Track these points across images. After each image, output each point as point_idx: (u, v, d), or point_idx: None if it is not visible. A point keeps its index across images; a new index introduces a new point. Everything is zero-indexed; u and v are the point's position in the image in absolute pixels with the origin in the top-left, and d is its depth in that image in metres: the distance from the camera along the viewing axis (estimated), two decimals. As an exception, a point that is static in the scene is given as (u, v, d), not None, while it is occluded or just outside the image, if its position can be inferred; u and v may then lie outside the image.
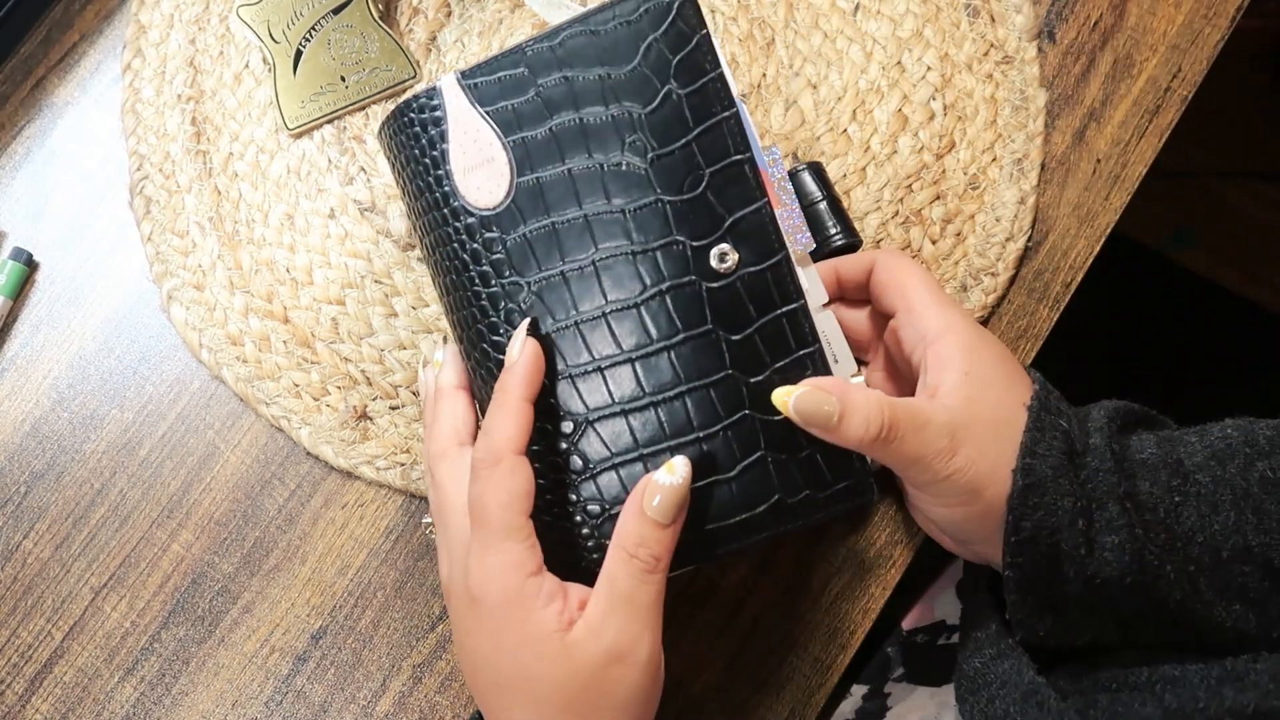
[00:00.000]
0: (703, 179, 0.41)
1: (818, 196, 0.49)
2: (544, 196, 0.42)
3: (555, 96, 0.42)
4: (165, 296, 0.53)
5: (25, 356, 0.53)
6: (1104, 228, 0.52)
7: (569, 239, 0.41)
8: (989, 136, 0.52)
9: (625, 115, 0.41)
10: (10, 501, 0.51)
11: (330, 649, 0.50)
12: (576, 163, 0.41)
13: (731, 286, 0.41)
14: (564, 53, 0.42)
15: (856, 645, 0.48)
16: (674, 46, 0.41)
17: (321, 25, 0.54)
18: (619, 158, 0.41)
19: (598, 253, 0.41)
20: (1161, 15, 0.53)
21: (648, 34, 0.41)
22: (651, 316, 0.41)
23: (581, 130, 0.41)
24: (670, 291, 0.41)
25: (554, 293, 0.41)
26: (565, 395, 0.41)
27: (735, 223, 0.41)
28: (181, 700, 0.49)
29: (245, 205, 0.53)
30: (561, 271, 0.41)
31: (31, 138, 0.55)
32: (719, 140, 0.41)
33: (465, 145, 0.42)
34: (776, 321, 0.41)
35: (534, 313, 0.41)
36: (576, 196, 0.41)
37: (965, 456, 0.39)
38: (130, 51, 0.55)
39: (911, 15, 0.53)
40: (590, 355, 0.41)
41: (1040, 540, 0.39)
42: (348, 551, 0.50)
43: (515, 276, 0.42)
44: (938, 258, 0.51)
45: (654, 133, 0.41)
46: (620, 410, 0.41)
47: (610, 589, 0.37)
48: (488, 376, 0.42)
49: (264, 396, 0.51)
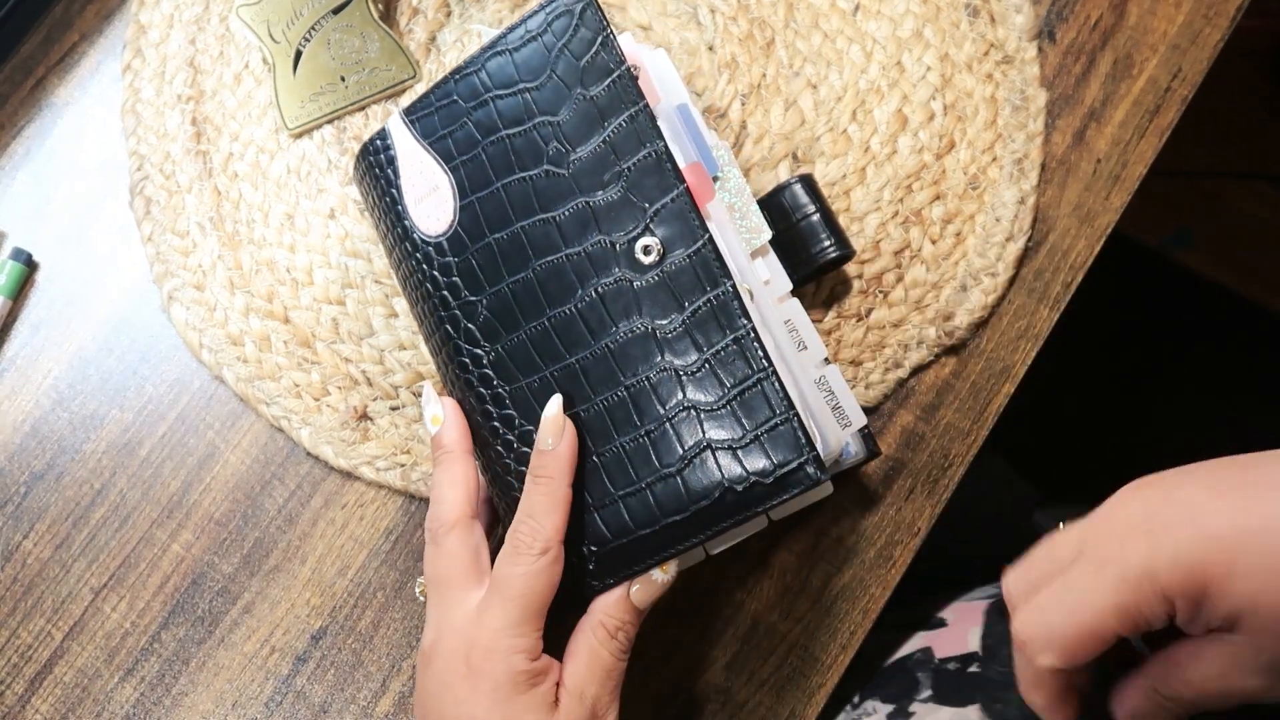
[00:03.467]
0: (620, 175, 0.42)
1: (810, 209, 0.48)
2: (484, 217, 0.44)
3: (483, 119, 0.44)
4: (166, 297, 0.53)
5: (25, 356, 0.53)
6: (1104, 228, 0.52)
7: (510, 255, 0.43)
8: (989, 136, 0.52)
9: (544, 125, 0.43)
10: (10, 502, 0.51)
11: (330, 649, 0.50)
12: (507, 179, 0.43)
13: (659, 278, 0.41)
14: (485, 76, 0.44)
15: (856, 645, 0.48)
16: (579, 52, 0.43)
17: (321, 25, 0.54)
18: (543, 167, 0.43)
19: (534, 263, 0.43)
20: (1161, 15, 0.53)
21: (554, 44, 0.43)
22: (589, 320, 0.42)
23: (509, 149, 0.43)
24: (602, 291, 0.42)
25: (504, 308, 0.43)
26: (524, 408, 0.42)
27: (656, 212, 0.41)
28: (181, 700, 0.49)
29: (245, 205, 0.53)
30: (508, 287, 0.43)
31: (31, 138, 0.55)
32: (630, 135, 0.42)
33: (413, 178, 0.45)
34: (705, 307, 0.41)
35: (487, 330, 0.43)
36: (511, 212, 0.43)
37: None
38: (130, 51, 0.55)
39: (911, 15, 0.53)
40: (541, 366, 0.42)
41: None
42: (348, 552, 0.50)
43: (469, 296, 0.44)
44: (938, 258, 0.51)
45: (570, 138, 0.42)
46: (572, 414, 0.42)
47: (592, 658, 0.40)
48: (463, 394, 0.44)
49: (264, 397, 0.51)
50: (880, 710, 0.52)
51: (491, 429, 0.43)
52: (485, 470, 0.44)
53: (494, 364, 0.43)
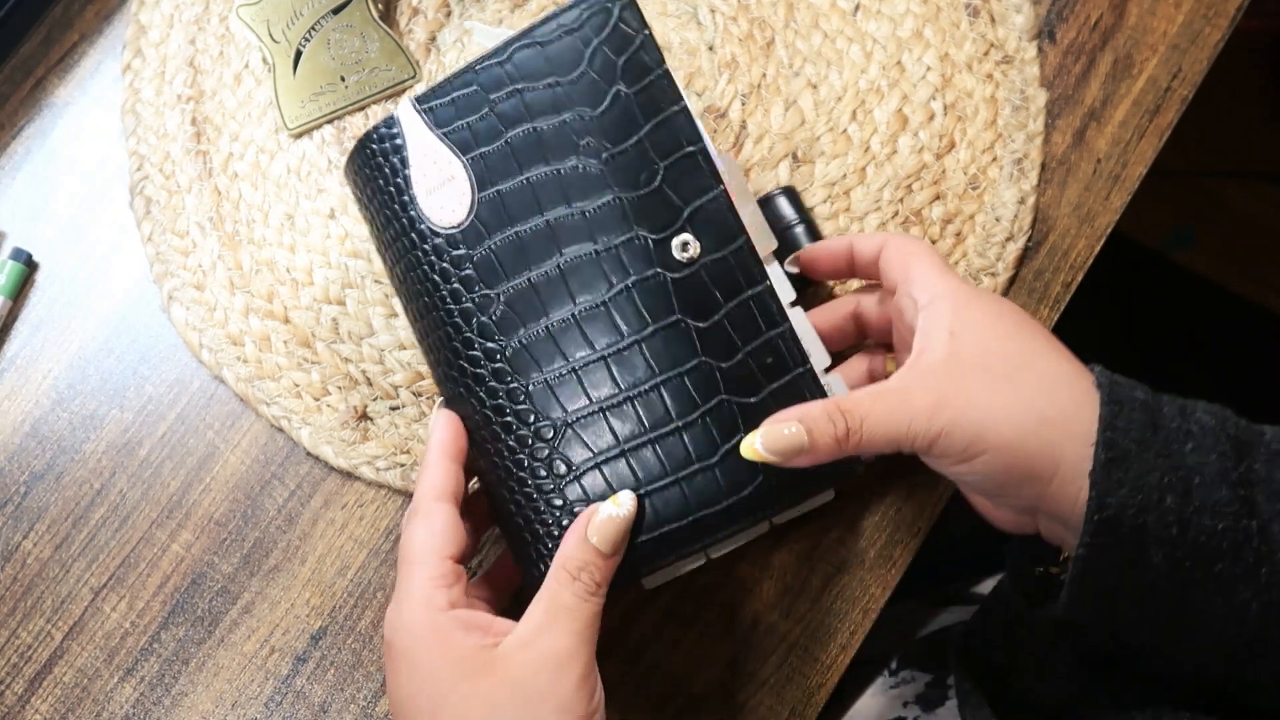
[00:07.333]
0: (658, 173, 0.42)
1: (794, 220, 0.49)
2: (506, 208, 0.42)
3: (508, 111, 0.43)
4: (166, 297, 0.53)
5: (25, 356, 0.53)
6: (1104, 228, 0.52)
7: (534, 247, 0.42)
8: (989, 136, 0.52)
9: (577, 119, 0.42)
10: (10, 501, 0.51)
11: (330, 649, 0.50)
12: (534, 172, 0.42)
13: (695, 275, 0.42)
14: (512, 68, 0.43)
15: (857, 645, 0.48)
16: (618, 49, 0.42)
17: (321, 25, 0.54)
18: (575, 161, 0.42)
19: (562, 257, 0.42)
20: (1161, 15, 0.53)
21: (591, 39, 0.42)
22: (620, 313, 0.42)
23: (537, 140, 0.42)
24: (636, 286, 0.42)
25: (523, 301, 0.42)
26: (542, 401, 0.42)
27: (694, 212, 0.42)
28: (181, 701, 0.49)
29: (245, 205, 0.53)
30: (529, 279, 0.42)
31: (31, 138, 0.55)
32: (670, 134, 0.42)
33: (426, 168, 0.43)
34: (744, 305, 0.42)
35: (504, 323, 0.42)
36: (538, 204, 0.42)
37: (952, 409, 0.38)
38: (130, 51, 0.55)
39: (911, 15, 0.53)
40: (564, 359, 0.42)
41: (1125, 520, 0.37)
42: (348, 552, 0.50)
43: (484, 290, 0.42)
44: (938, 258, 0.51)
45: (606, 133, 0.42)
46: (598, 409, 0.41)
47: (551, 602, 0.38)
48: (466, 394, 0.43)
49: (264, 397, 0.51)
50: (919, 679, 0.52)
51: (504, 424, 0.42)
52: (489, 472, 0.43)
53: (510, 359, 0.42)
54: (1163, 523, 0.37)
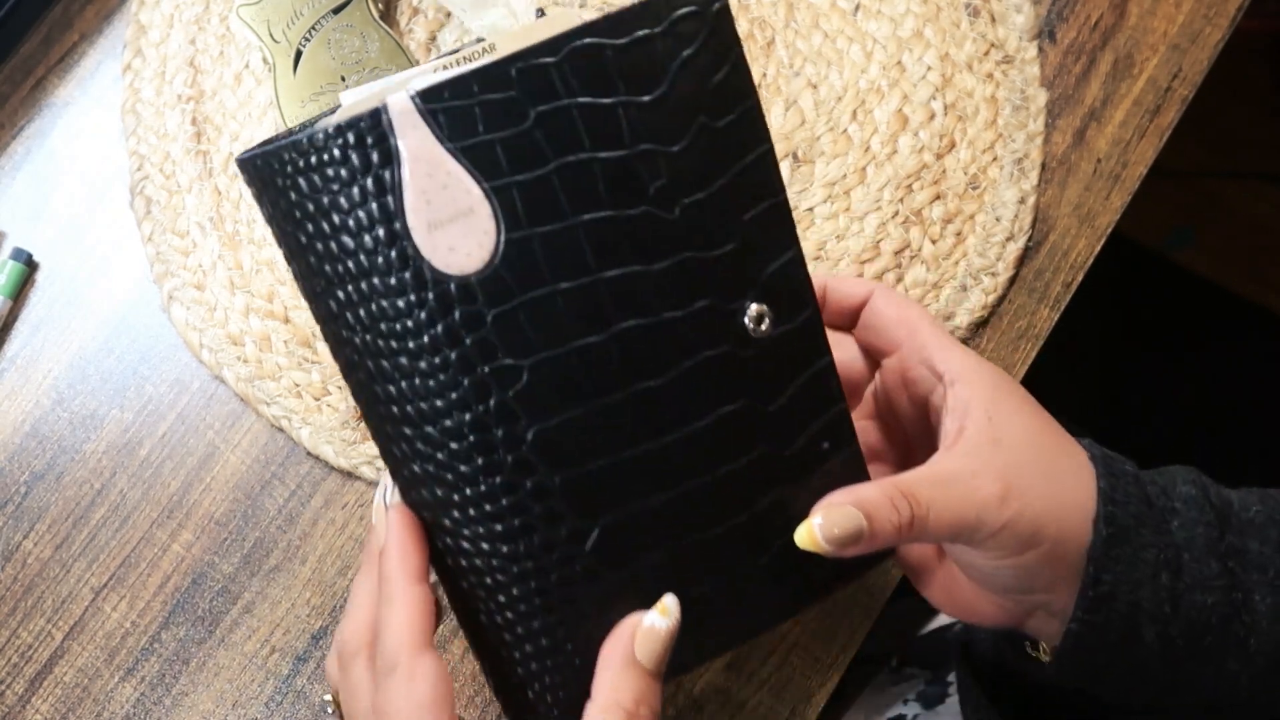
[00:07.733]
0: (738, 229, 0.34)
1: None
2: (544, 258, 0.32)
3: (560, 129, 0.32)
4: (166, 297, 0.53)
5: (25, 356, 0.53)
6: (1104, 228, 0.52)
7: (578, 310, 0.33)
8: (989, 136, 0.52)
9: (654, 155, 0.33)
10: (10, 501, 0.51)
11: (330, 649, 0.50)
12: (589, 215, 0.32)
13: (765, 350, 0.35)
14: (568, 71, 0.31)
15: (857, 645, 0.48)
16: (710, 67, 0.33)
17: (321, 25, 0.54)
18: (644, 207, 0.33)
19: (615, 326, 0.33)
20: (1161, 15, 0.53)
21: (677, 52, 0.32)
22: (681, 396, 0.34)
23: (592, 173, 0.32)
24: (703, 365, 0.34)
25: (561, 377, 0.33)
26: (576, 499, 0.34)
27: (771, 276, 0.35)
28: (181, 700, 0.49)
29: (246, 205, 0.53)
30: (574, 350, 0.33)
31: (31, 138, 0.55)
32: (753, 182, 0.34)
33: (431, 193, 0.31)
34: (810, 382, 0.36)
35: (531, 406, 0.33)
36: (590, 257, 0.33)
37: (1018, 500, 0.35)
38: (130, 51, 0.56)
39: (911, 15, 0.53)
40: (610, 450, 0.34)
41: (1120, 596, 0.35)
42: (348, 552, 0.50)
43: (508, 359, 0.32)
44: (938, 258, 0.51)
45: (683, 175, 0.33)
46: (648, 508, 0.35)
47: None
48: (452, 489, 0.34)
49: (264, 396, 0.51)
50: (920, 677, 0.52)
51: (513, 528, 0.33)
52: (474, 599, 0.35)
53: (538, 448, 0.33)
54: (1156, 599, 0.36)
